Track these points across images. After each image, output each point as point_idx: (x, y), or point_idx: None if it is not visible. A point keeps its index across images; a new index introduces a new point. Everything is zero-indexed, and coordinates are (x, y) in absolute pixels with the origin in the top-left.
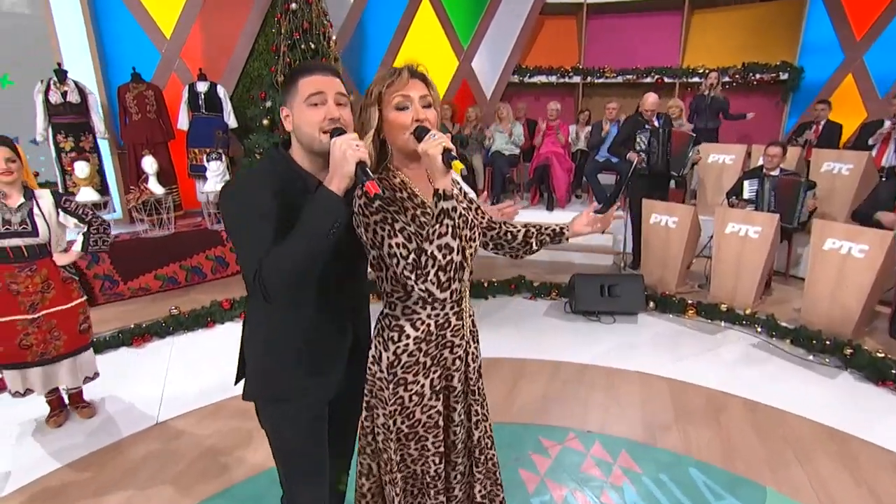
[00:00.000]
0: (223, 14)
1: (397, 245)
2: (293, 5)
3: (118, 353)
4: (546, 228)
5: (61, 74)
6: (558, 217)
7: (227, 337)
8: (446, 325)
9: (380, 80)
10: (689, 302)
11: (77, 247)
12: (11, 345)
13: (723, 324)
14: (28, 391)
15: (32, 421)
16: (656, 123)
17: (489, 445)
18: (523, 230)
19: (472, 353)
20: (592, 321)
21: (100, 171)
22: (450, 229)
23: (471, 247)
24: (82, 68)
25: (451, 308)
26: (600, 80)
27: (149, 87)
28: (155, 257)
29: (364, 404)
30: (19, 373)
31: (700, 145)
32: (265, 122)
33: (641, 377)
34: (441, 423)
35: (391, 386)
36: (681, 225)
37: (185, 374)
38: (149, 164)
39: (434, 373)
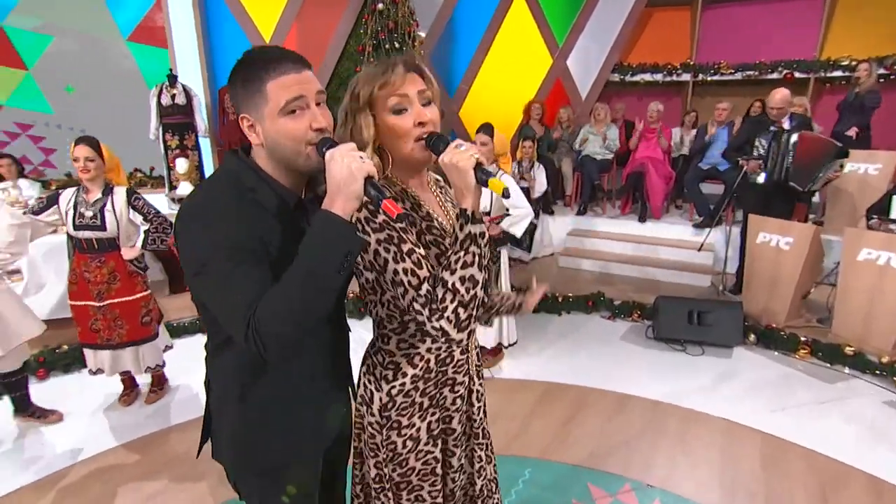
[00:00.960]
0: (319, 17)
1: (405, 271)
2: (380, 5)
3: (194, 339)
4: (507, 299)
5: (172, 79)
6: (651, 229)
7: None
8: (448, 360)
9: (369, 79)
10: (803, 339)
11: (138, 243)
12: (85, 326)
13: (847, 370)
14: (99, 370)
15: (112, 394)
16: (786, 125)
17: (493, 490)
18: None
19: (477, 391)
20: (676, 350)
21: (199, 167)
22: (476, 259)
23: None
24: (192, 72)
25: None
26: (713, 78)
27: None
28: None
29: (353, 450)
30: (93, 353)
31: (845, 158)
32: None
33: (727, 426)
34: (438, 470)
35: (383, 431)
36: (797, 246)
37: None
38: None
39: (432, 415)
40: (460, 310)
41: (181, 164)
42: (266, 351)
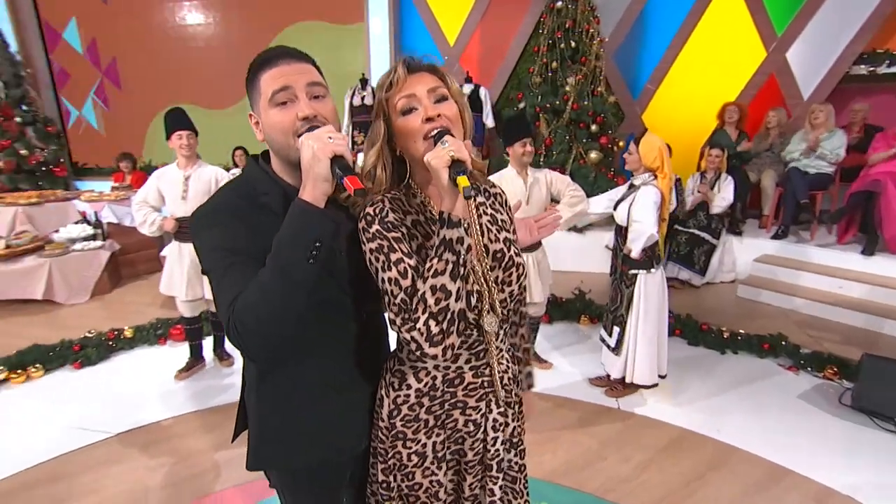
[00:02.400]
0: (502, 19)
1: (390, 280)
2: (558, 3)
3: None
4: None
5: (363, 82)
6: (880, 265)
7: None
8: (457, 381)
9: (378, 87)
10: None
11: None
12: None
13: None
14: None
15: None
16: None
17: None
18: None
19: (495, 421)
20: (881, 429)
21: None
22: (450, 266)
23: (503, 291)
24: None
25: (468, 361)
26: None
27: None
28: None
29: (372, 450)
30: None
31: None
32: None
33: None
34: (441, 495)
35: (389, 438)
36: None
37: None
38: None
39: (437, 435)
40: (431, 322)
41: (361, 159)
42: (247, 349)
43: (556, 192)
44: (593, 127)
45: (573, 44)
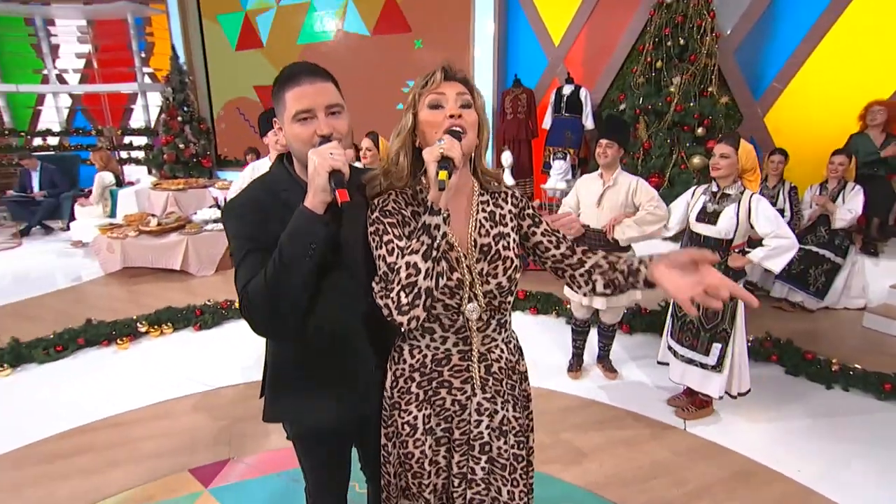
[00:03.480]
0: (609, 19)
1: (378, 256)
2: None
3: None
4: (624, 262)
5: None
6: None
7: None
8: (444, 361)
9: (415, 86)
10: None
11: None
12: None
13: None
14: None
15: None
16: None
17: None
18: (593, 259)
19: (479, 405)
20: None
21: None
22: (424, 248)
23: (489, 283)
24: (485, 76)
25: (455, 344)
26: None
27: (523, 91)
28: None
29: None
30: None
31: None
32: None
33: None
34: (427, 466)
35: (389, 407)
36: None
37: None
38: (505, 157)
39: (426, 409)
40: (402, 293)
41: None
42: (253, 323)
43: (637, 203)
44: (699, 130)
45: (682, 41)
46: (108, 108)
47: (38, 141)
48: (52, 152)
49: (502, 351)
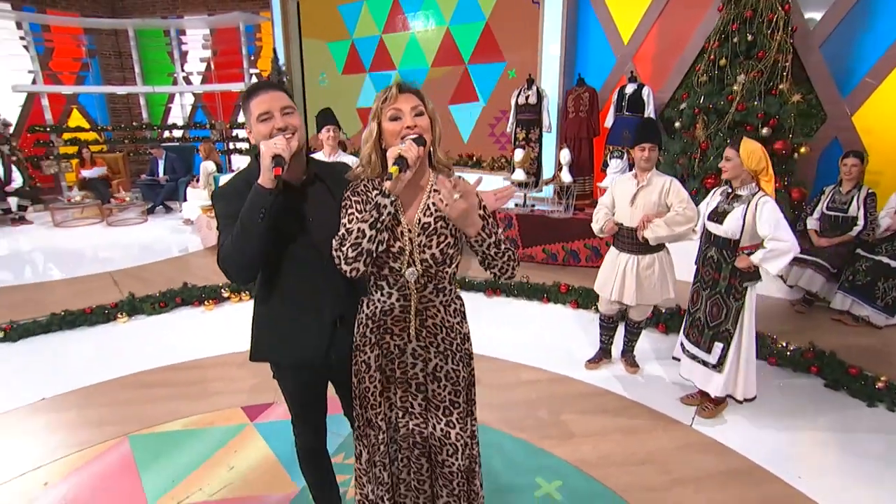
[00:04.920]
0: (679, 18)
1: (342, 224)
2: None
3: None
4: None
5: (529, 82)
6: None
7: (549, 315)
8: (389, 312)
9: (377, 99)
10: None
11: None
12: None
13: None
14: None
15: None
16: None
17: (450, 453)
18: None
19: (413, 350)
20: None
21: (537, 158)
22: (371, 219)
23: (425, 252)
24: (552, 75)
25: (398, 300)
26: None
27: (586, 90)
28: (549, 234)
29: None
30: None
31: None
32: (676, 124)
33: None
34: (378, 398)
35: (354, 349)
36: None
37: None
38: (564, 155)
39: (374, 351)
40: (350, 249)
41: (518, 154)
42: (226, 272)
43: (669, 204)
44: (763, 130)
45: (749, 37)
46: (221, 105)
47: (166, 133)
48: (176, 143)
49: (438, 311)
